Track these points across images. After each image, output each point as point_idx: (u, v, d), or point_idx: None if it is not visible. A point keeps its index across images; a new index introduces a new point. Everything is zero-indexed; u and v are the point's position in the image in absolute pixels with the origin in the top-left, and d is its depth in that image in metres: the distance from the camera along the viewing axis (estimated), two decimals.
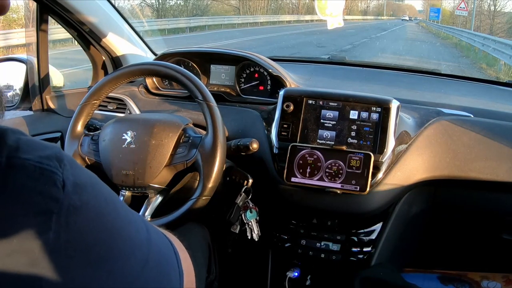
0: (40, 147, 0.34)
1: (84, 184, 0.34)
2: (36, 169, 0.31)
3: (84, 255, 0.32)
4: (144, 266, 0.36)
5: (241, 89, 1.36)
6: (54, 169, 0.32)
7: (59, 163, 0.33)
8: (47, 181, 0.31)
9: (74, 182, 0.33)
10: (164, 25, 16.14)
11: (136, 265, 0.36)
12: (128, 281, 0.34)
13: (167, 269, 0.40)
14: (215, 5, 27.26)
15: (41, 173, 0.31)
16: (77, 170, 0.34)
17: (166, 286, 0.39)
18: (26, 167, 0.31)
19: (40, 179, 0.31)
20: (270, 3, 30.51)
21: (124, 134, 0.95)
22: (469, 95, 1.37)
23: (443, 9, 33.90)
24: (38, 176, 0.31)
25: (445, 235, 1.37)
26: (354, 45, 13.73)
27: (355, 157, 0.99)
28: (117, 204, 0.37)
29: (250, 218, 1.06)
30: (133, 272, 0.35)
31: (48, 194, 0.31)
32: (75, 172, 0.34)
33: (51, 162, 0.32)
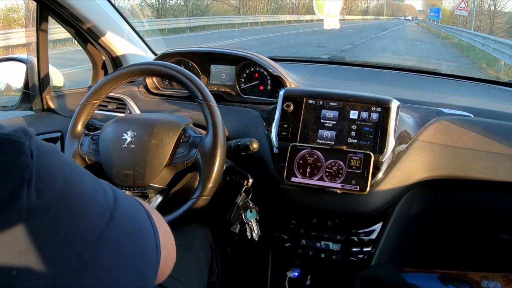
0: (7, 125, 0.37)
1: (47, 152, 0.37)
2: (4, 141, 0.33)
3: (53, 220, 0.33)
4: (110, 222, 0.38)
5: (241, 89, 1.36)
6: (22, 140, 0.34)
7: (25, 134, 0.35)
8: (17, 151, 0.33)
9: (39, 151, 0.35)
10: (164, 25, 16.14)
11: (102, 222, 0.37)
12: (95, 235, 0.36)
13: (136, 226, 0.42)
14: (215, 5, 27.26)
15: (10, 144, 0.33)
16: (39, 141, 0.37)
17: (139, 241, 0.41)
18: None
19: (10, 150, 0.33)
20: (270, 3, 30.51)
21: (124, 134, 0.95)
22: (469, 95, 1.37)
23: (443, 9, 33.88)
24: (8, 148, 0.33)
25: (445, 235, 1.37)
26: (354, 45, 13.73)
27: (355, 157, 0.99)
28: (81, 170, 0.40)
29: (250, 218, 1.06)
30: (97, 228, 0.37)
31: (19, 163, 0.33)
32: (38, 143, 0.37)
33: (19, 134, 0.35)
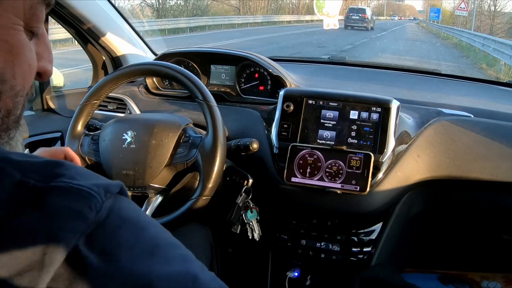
0: (91, 176, 0.34)
1: (126, 218, 0.33)
2: (73, 189, 0.31)
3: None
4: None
5: (241, 89, 1.36)
6: (95, 194, 0.32)
7: (106, 192, 0.33)
8: (81, 201, 0.31)
9: (117, 214, 0.33)
10: (164, 25, 16.13)
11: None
12: None
13: None
14: (215, 5, 27.26)
15: (77, 193, 0.31)
16: (123, 207, 0.34)
17: None
18: (63, 187, 0.31)
19: (73, 198, 0.31)
20: (270, 3, 30.51)
21: (124, 134, 0.95)
22: (469, 95, 1.37)
23: (443, 9, 33.86)
24: (73, 196, 0.31)
25: (445, 235, 1.37)
26: (354, 45, 13.72)
27: (355, 157, 0.99)
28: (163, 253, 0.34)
29: (250, 218, 1.06)
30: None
31: (76, 212, 0.30)
32: (121, 208, 0.34)
33: (95, 188, 0.32)
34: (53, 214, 0.30)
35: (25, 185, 0.31)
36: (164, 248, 0.34)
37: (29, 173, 0.32)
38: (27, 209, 0.30)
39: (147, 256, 0.32)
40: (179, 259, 0.34)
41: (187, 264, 0.34)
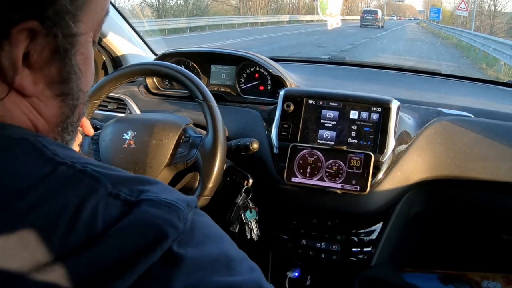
0: (173, 191, 0.37)
1: (208, 237, 0.36)
2: (162, 202, 0.34)
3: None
4: None
5: (241, 89, 1.36)
6: (181, 207, 0.34)
7: (188, 206, 0.35)
8: (171, 212, 0.33)
9: (199, 228, 0.35)
10: (164, 25, 16.13)
11: None
12: None
13: None
14: (215, 5, 27.26)
15: (166, 205, 0.34)
16: (204, 223, 0.36)
17: None
18: (152, 200, 0.34)
19: (164, 209, 0.33)
20: (271, 3, 30.51)
21: (124, 134, 0.95)
22: (469, 95, 1.37)
23: (443, 9, 33.89)
24: (163, 207, 0.33)
25: (445, 235, 1.37)
26: (354, 45, 13.73)
27: (355, 157, 0.99)
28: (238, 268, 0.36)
29: (249, 218, 1.06)
30: None
31: (169, 221, 0.33)
32: (202, 220, 0.36)
33: (180, 202, 0.35)
34: (148, 221, 0.32)
35: (118, 197, 0.33)
36: (237, 261, 0.36)
37: (119, 186, 0.34)
38: (122, 217, 0.32)
39: (225, 269, 0.35)
40: (248, 270, 0.37)
41: (253, 274, 0.37)
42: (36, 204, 0.31)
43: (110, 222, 0.31)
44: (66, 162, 0.34)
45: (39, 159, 0.34)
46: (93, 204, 0.32)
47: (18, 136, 0.35)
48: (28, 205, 0.31)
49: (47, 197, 0.31)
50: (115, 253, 0.30)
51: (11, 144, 0.34)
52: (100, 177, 0.34)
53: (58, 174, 0.33)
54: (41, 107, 0.39)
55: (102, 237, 0.30)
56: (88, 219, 0.31)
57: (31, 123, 0.39)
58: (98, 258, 0.30)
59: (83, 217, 0.31)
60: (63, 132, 0.42)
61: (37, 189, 0.31)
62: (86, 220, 0.31)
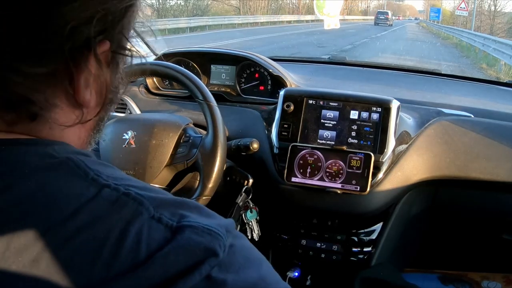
0: (212, 215, 0.37)
1: (247, 260, 0.36)
2: (204, 229, 0.34)
3: None
4: None
5: (241, 89, 1.36)
6: (221, 234, 0.35)
7: (227, 232, 0.36)
8: (213, 240, 0.34)
9: (239, 252, 0.35)
10: (165, 25, 16.11)
11: None
12: None
13: None
14: (216, 5, 27.26)
15: (208, 233, 0.34)
16: (244, 247, 0.37)
17: None
18: (195, 227, 0.34)
19: (206, 237, 0.34)
20: (271, 3, 30.50)
21: (124, 134, 0.95)
22: (470, 95, 1.37)
23: (444, 9, 33.90)
24: (205, 235, 0.34)
25: (446, 235, 1.37)
26: (354, 45, 13.73)
27: (356, 157, 0.99)
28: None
29: (250, 218, 1.06)
30: None
31: (211, 249, 0.33)
32: (242, 244, 0.37)
33: (220, 228, 0.35)
34: (190, 248, 0.32)
35: (160, 221, 0.33)
36: (273, 284, 0.37)
37: (161, 209, 0.34)
38: (165, 243, 0.32)
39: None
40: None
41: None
42: (83, 227, 0.31)
43: (153, 248, 0.31)
44: (110, 185, 0.34)
45: (84, 180, 0.34)
46: (137, 228, 0.32)
47: (62, 155, 0.35)
48: (75, 228, 0.31)
49: (93, 221, 0.32)
50: (156, 279, 0.30)
51: (55, 163, 0.34)
52: (144, 201, 0.34)
53: (103, 197, 0.33)
54: (85, 116, 0.39)
55: (145, 263, 0.31)
56: (132, 244, 0.31)
57: (77, 134, 0.40)
58: (141, 282, 0.30)
59: (127, 242, 0.31)
60: (97, 133, 0.44)
61: (84, 212, 0.32)
62: (131, 245, 0.31)
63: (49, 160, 0.34)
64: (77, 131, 0.40)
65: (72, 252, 0.30)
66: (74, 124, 0.38)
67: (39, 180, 0.33)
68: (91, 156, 0.38)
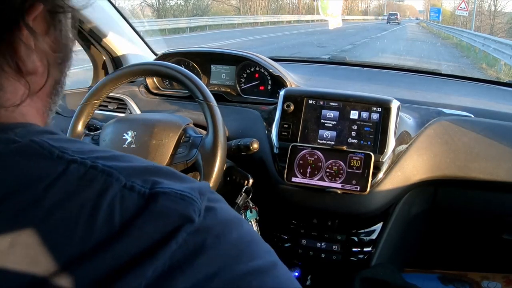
0: (185, 179, 0.37)
1: (226, 222, 0.35)
2: (177, 195, 0.33)
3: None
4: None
5: (241, 89, 1.36)
6: (195, 198, 0.34)
7: (201, 195, 0.35)
8: (187, 205, 0.33)
9: (214, 214, 0.35)
10: (165, 25, 16.13)
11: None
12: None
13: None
14: (216, 5, 27.27)
15: (182, 198, 0.33)
16: (222, 210, 0.36)
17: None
18: (168, 193, 0.33)
19: (180, 203, 0.33)
20: (271, 3, 30.52)
21: (124, 134, 0.95)
22: (470, 95, 1.37)
23: (444, 9, 33.97)
24: (179, 200, 0.33)
25: (446, 235, 1.37)
26: (354, 45, 13.73)
27: (356, 157, 0.99)
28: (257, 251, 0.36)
29: (250, 218, 1.06)
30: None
31: (185, 215, 0.33)
32: (220, 206, 0.36)
33: (193, 192, 0.35)
34: (164, 216, 0.32)
35: (133, 189, 0.33)
36: (255, 244, 0.36)
37: (132, 178, 0.34)
38: (139, 212, 0.32)
39: (245, 254, 0.34)
40: (266, 252, 0.37)
41: (271, 256, 0.37)
42: (54, 206, 0.31)
43: (127, 217, 0.31)
44: (76, 160, 0.34)
45: (49, 159, 0.33)
46: (108, 200, 0.32)
47: (25, 139, 0.34)
48: (47, 208, 0.31)
49: (64, 198, 0.31)
50: (134, 248, 0.30)
51: (19, 148, 0.34)
52: (112, 171, 0.34)
53: (71, 172, 0.33)
54: (34, 86, 0.38)
55: (121, 234, 0.31)
56: (105, 216, 0.31)
57: (34, 106, 0.39)
58: (118, 254, 0.30)
59: (101, 215, 0.31)
60: (56, 96, 0.43)
61: (54, 191, 0.31)
62: (104, 218, 0.31)
63: (12, 145, 0.34)
64: (33, 103, 0.39)
65: (47, 233, 0.30)
66: (26, 98, 0.37)
67: (6, 166, 0.32)
68: (58, 133, 0.38)
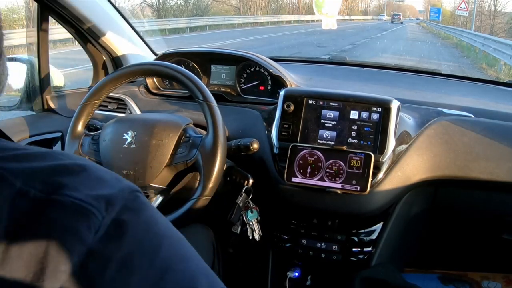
0: (99, 183, 0.32)
1: (134, 244, 0.31)
2: (72, 206, 0.29)
3: None
4: None
5: (241, 89, 1.36)
6: (95, 211, 0.30)
7: (108, 206, 0.31)
8: (79, 220, 0.29)
9: (119, 232, 0.30)
10: (165, 25, 16.14)
11: None
12: None
13: None
14: (216, 5, 27.27)
15: (76, 210, 0.29)
16: (134, 223, 0.31)
17: None
18: (62, 202, 0.29)
19: (72, 216, 0.29)
20: (271, 3, 30.52)
21: (124, 134, 0.95)
22: (470, 95, 1.37)
23: (444, 9, 33.99)
24: (71, 213, 0.29)
25: (446, 235, 1.37)
26: (354, 45, 13.73)
27: (356, 157, 0.99)
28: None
29: (251, 218, 1.06)
30: None
31: (75, 232, 0.29)
32: (128, 220, 0.31)
33: (96, 203, 0.30)
34: (51, 231, 0.28)
35: (26, 195, 0.29)
36: (183, 272, 0.32)
37: (31, 181, 0.30)
38: (28, 221, 0.28)
39: (156, 280, 0.30)
40: (187, 275, 0.32)
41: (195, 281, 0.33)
42: None
43: (13, 228, 0.28)
44: None
45: None
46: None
47: None
48: None
49: None
50: (15, 273, 0.27)
51: None
52: (6, 175, 0.30)
53: None
54: None
55: (7, 248, 0.27)
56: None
57: None
58: (4, 276, 0.26)
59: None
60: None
61: None
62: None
63: None
64: None
65: None
66: None
67: None
68: None
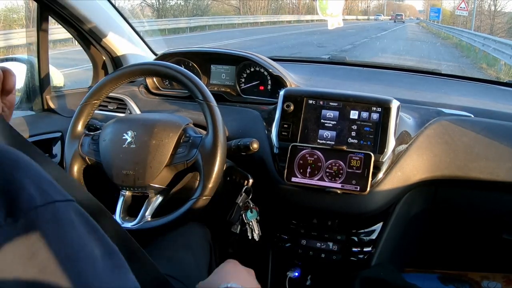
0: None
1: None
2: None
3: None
4: None
5: (241, 89, 1.36)
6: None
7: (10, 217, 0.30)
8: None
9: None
10: (165, 25, 16.14)
11: None
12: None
13: None
14: (216, 5, 27.27)
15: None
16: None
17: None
18: None
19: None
20: (271, 3, 30.53)
21: (124, 134, 0.95)
22: (470, 95, 1.37)
23: (444, 9, 34.01)
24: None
25: (445, 235, 1.37)
26: (354, 45, 13.73)
27: (356, 157, 0.99)
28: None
29: (250, 218, 1.06)
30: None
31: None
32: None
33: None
34: None
35: None
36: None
37: None
38: None
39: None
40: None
41: None
42: None
43: None
44: None
45: None
46: None
47: None
48: None
49: None
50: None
51: None
52: None
53: None
54: None
55: None
56: None
57: None
58: None
59: None
60: None
61: None
62: None
63: None
64: None
65: None
66: None
67: None
68: None
